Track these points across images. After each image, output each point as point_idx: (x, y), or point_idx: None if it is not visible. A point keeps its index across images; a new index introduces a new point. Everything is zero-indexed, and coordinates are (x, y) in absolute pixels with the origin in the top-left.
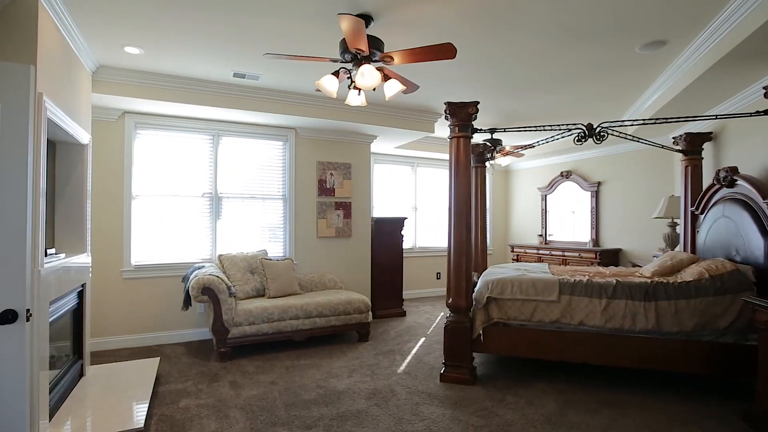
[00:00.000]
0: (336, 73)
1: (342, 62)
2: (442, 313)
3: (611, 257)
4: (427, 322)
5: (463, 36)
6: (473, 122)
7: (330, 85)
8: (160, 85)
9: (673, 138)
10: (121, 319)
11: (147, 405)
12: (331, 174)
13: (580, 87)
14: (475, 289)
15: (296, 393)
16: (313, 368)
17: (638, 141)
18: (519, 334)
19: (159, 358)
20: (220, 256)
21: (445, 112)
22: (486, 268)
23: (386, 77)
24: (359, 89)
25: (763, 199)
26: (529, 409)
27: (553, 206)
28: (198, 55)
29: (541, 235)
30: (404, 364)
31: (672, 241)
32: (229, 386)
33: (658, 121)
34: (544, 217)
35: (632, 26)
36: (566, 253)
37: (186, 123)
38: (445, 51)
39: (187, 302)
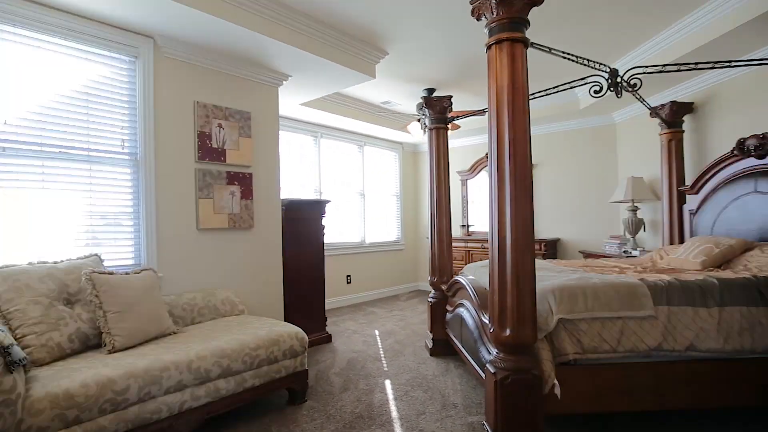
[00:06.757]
0: None
1: None
2: (377, 331)
3: (551, 248)
4: (366, 347)
5: None
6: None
7: None
8: None
9: (652, 108)
10: None
11: None
12: (220, 126)
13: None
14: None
15: None
16: None
17: (642, 102)
18: (600, 375)
19: None
20: None
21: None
22: (453, 270)
23: None
24: None
25: None
26: None
27: (475, 192)
28: None
29: (464, 226)
30: None
31: (635, 228)
32: None
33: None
34: (465, 205)
35: None
36: None
37: None
38: None
39: None
